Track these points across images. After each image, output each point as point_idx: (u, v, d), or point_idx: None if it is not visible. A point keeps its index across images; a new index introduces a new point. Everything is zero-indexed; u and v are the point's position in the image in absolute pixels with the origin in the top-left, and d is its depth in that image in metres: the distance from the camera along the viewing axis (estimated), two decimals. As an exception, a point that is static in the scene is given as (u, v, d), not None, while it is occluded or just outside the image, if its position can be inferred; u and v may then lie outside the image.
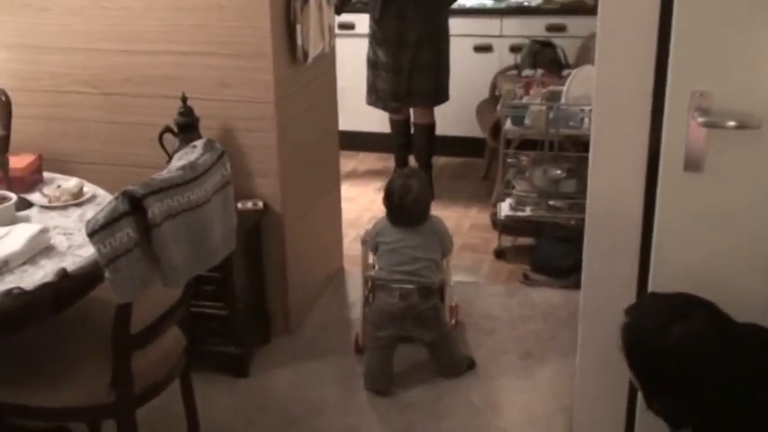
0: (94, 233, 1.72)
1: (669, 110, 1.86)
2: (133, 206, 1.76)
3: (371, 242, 2.87)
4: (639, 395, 2.05)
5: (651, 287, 1.99)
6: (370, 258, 2.96)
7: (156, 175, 1.85)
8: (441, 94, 4.29)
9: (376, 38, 4.22)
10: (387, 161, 4.84)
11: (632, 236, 2.01)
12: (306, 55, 2.88)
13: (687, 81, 1.83)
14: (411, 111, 4.43)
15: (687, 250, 1.93)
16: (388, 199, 2.81)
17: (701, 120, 1.82)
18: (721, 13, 1.76)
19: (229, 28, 2.70)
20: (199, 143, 2.02)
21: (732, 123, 1.80)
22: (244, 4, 2.66)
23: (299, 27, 2.81)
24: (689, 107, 1.83)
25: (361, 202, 4.38)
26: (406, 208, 2.77)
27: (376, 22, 4.20)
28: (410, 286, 2.72)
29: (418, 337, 2.76)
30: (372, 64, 4.29)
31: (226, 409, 2.65)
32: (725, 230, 1.90)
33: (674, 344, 1.52)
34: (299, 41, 2.83)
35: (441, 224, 2.89)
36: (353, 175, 4.77)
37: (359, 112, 4.47)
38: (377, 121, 4.69)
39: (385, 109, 4.40)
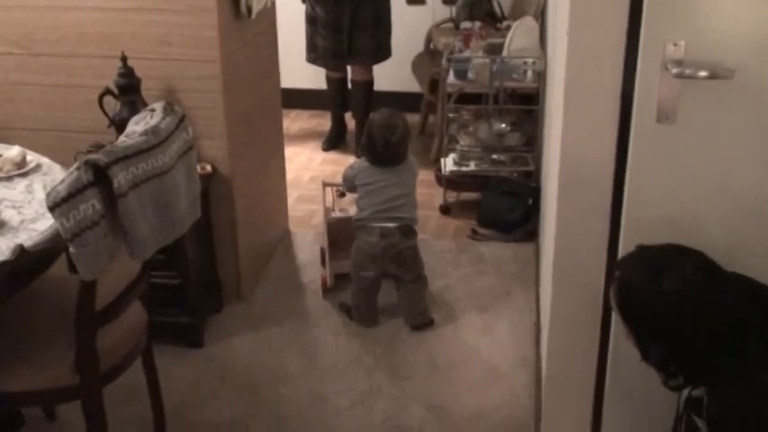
0: (56, 206, 1.62)
1: (642, 61, 1.85)
2: (97, 176, 1.65)
3: (349, 184, 2.92)
4: (611, 352, 2.10)
5: (623, 240, 2.01)
6: (328, 201, 3.10)
7: (119, 142, 1.75)
8: (382, 52, 4.19)
9: None
10: (320, 118, 4.75)
11: (604, 188, 2.01)
12: (250, 10, 2.77)
13: (660, 32, 1.82)
14: (348, 68, 4.33)
15: (659, 202, 1.95)
16: (372, 140, 2.80)
17: (674, 71, 1.82)
18: (695, -37, 1.76)
19: (170, -18, 2.56)
20: (157, 106, 1.92)
21: (704, 74, 1.81)
22: (185, -44, 2.52)
23: (242, -20, 2.69)
24: (662, 58, 1.83)
25: (299, 162, 4.29)
26: (392, 147, 2.79)
27: None
28: (391, 225, 2.77)
29: (399, 276, 2.82)
30: (311, 20, 4.16)
31: (185, 381, 2.58)
32: (697, 181, 1.92)
33: (666, 293, 1.54)
34: (243, -5, 2.71)
35: (414, 160, 2.95)
36: (287, 134, 4.64)
37: (291, 69, 4.33)
38: (309, 78, 4.59)
39: (325, 67, 4.30)
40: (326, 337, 2.81)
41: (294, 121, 4.87)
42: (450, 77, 3.65)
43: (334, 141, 4.44)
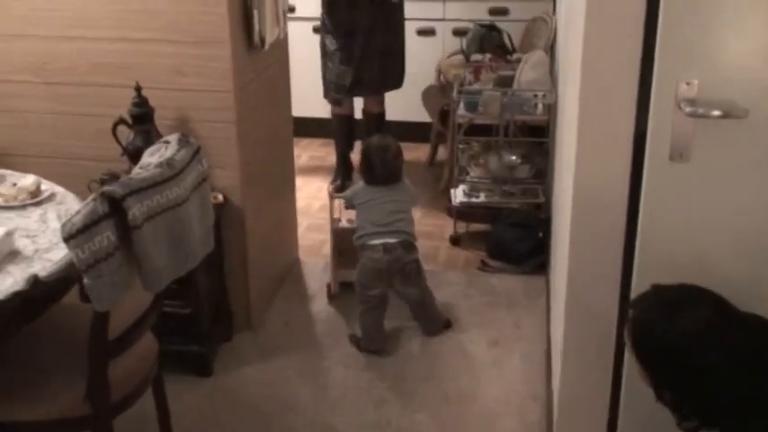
0: (71, 237, 1.62)
1: (655, 100, 1.86)
2: (113, 208, 1.66)
3: (348, 203, 3.06)
4: (624, 387, 2.09)
5: (636, 276, 2.01)
6: (336, 213, 3.25)
7: (134, 174, 1.76)
8: (390, 81, 4.10)
9: (326, 26, 4.02)
10: (330, 147, 4.74)
11: (617, 226, 2.01)
12: (263, 41, 2.79)
13: (673, 71, 1.83)
14: (361, 101, 4.22)
15: (672, 240, 1.95)
16: (368, 160, 2.96)
17: (687, 110, 1.83)
18: (708, 3, 1.77)
19: (184, 14, 2.59)
20: (172, 138, 1.93)
21: (717, 113, 1.81)
22: (200, -11, 2.55)
23: (256, 12, 2.72)
24: (675, 97, 1.84)
25: (309, 190, 4.31)
26: (387, 165, 2.94)
27: (327, 11, 3.99)
28: (392, 240, 2.85)
29: (404, 293, 2.91)
30: (323, 54, 4.10)
31: (194, 411, 2.57)
32: (710, 220, 1.92)
33: (680, 335, 1.53)
34: (257, 27, 2.74)
35: (410, 184, 3.06)
36: (298, 162, 4.66)
37: (302, 98, 4.35)
38: (319, 107, 4.60)
39: (329, 100, 4.19)
40: (336, 368, 2.80)
41: (305, 149, 4.90)
42: (461, 109, 3.67)
43: (342, 184, 4.15)
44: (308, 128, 4.82)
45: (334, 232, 3.21)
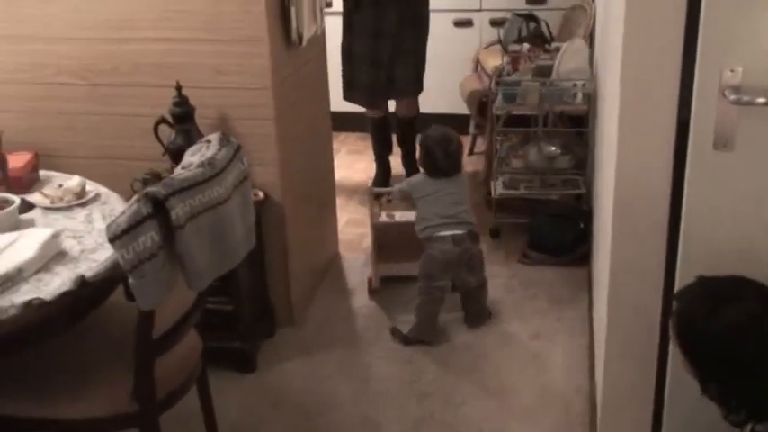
0: (116, 238, 1.65)
1: (698, 87, 1.83)
2: (156, 208, 1.68)
3: (403, 196, 3.10)
4: (668, 380, 2.06)
5: (680, 269, 1.98)
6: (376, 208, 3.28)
7: (176, 174, 1.78)
8: (421, 83, 4.00)
9: (352, 27, 3.87)
10: (368, 141, 4.73)
11: (660, 216, 1.98)
12: (301, 38, 2.81)
13: (717, 58, 1.79)
14: (392, 104, 4.12)
15: (716, 230, 1.91)
16: (430, 153, 2.97)
17: (731, 97, 1.79)
18: (752, -12, 1.73)
19: (223, 13, 2.61)
20: (213, 137, 1.95)
21: (762, 100, 1.78)
22: (238, -12, 2.57)
23: (293, 9, 2.73)
24: (719, 84, 1.81)
25: (348, 185, 4.32)
26: (451, 156, 2.97)
27: (351, 10, 3.86)
28: (461, 231, 2.88)
29: (466, 282, 2.96)
30: (348, 56, 3.92)
31: (238, 406, 2.60)
32: (755, 210, 1.88)
33: (726, 326, 1.51)
34: (294, 24, 2.75)
35: (464, 174, 3.11)
36: (337, 156, 4.68)
37: (339, 93, 4.36)
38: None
39: (364, 104, 4.06)
40: (378, 363, 2.81)
41: (343, 143, 4.91)
42: (499, 101, 3.64)
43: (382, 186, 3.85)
44: (345, 122, 4.81)
45: (374, 227, 3.24)
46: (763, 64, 1.78)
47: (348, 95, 4.02)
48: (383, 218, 3.30)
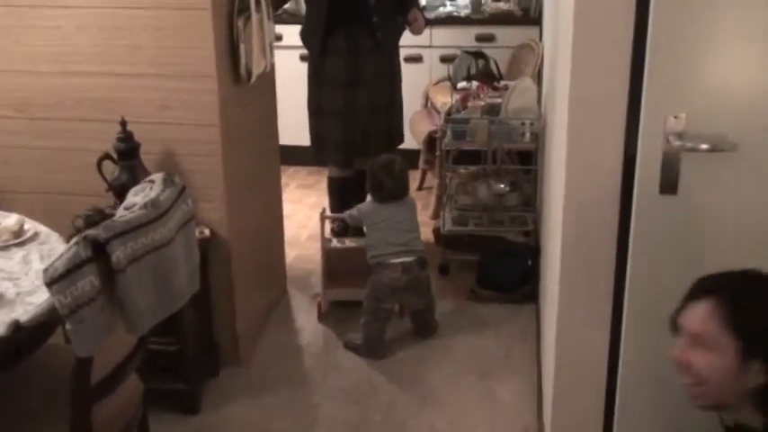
0: (54, 282, 1.59)
1: (643, 133, 1.86)
2: (96, 251, 1.62)
3: (355, 223, 3.18)
4: (617, 418, 2.06)
5: (626, 310, 1.99)
6: (326, 232, 3.37)
7: (118, 216, 1.73)
8: (396, 136, 3.74)
9: (320, 78, 3.54)
10: (318, 175, 4.75)
11: (607, 256, 2.00)
12: (250, 74, 2.78)
13: (661, 105, 1.83)
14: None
15: (662, 271, 1.94)
16: (378, 179, 3.06)
17: (675, 143, 1.82)
18: (695, 37, 1.77)
19: (170, 48, 2.58)
20: (157, 177, 1.90)
21: (706, 146, 1.81)
22: (184, 23, 2.54)
23: (242, 46, 2.70)
24: (663, 130, 1.84)
25: (297, 220, 4.28)
26: (395, 177, 3.05)
27: (318, 59, 3.53)
28: (410, 259, 2.98)
29: (414, 304, 3.09)
30: (317, 111, 3.59)
31: (180, 451, 2.52)
32: (699, 252, 1.91)
33: None
34: (243, 60, 2.72)
35: (412, 198, 3.20)
36: (286, 190, 4.64)
37: (288, 126, 4.32)
38: (306, 134, 4.58)
39: (335, 163, 3.71)
40: (325, 403, 2.76)
41: (292, 177, 4.88)
42: (448, 137, 3.65)
43: (343, 231, 3.71)
44: (294, 156, 4.79)
45: (325, 252, 3.28)
46: (707, 110, 1.81)
47: (319, 156, 3.68)
48: (334, 243, 3.36)
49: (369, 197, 3.16)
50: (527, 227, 3.64)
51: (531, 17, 4.76)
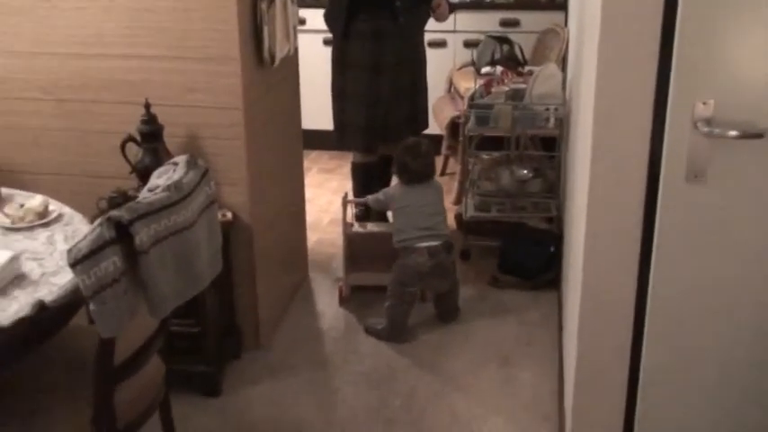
0: (77, 263, 1.59)
1: (671, 120, 1.83)
2: (119, 232, 1.63)
3: (382, 207, 3.22)
4: (639, 406, 2.05)
5: (651, 299, 1.97)
6: (348, 217, 3.34)
7: (142, 198, 1.73)
8: (420, 122, 3.71)
9: (344, 63, 3.55)
10: (340, 159, 4.74)
11: (632, 245, 1.97)
12: (273, 57, 2.77)
13: (689, 91, 1.80)
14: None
15: (688, 261, 1.91)
16: (404, 161, 3.07)
17: (703, 130, 1.79)
18: (724, 22, 1.74)
19: (194, 31, 2.57)
20: (180, 160, 1.90)
21: (734, 133, 1.78)
22: (209, 5, 2.53)
23: (266, 29, 2.69)
24: (691, 117, 1.81)
25: (319, 204, 4.28)
26: (421, 158, 3.06)
27: (341, 42, 3.53)
28: (436, 243, 2.98)
29: (439, 288, 3.09)
30: (339, 94, 3.60)
31: (202, 432, 2.54)
32: (726, 241, 1.88)
33: None
34: (267, 44, 2.71)
35: (438, 181, 3.20)
36: (308, 174, 4.65)
37: (312, 110, 4.32)
38: (328, 118, 4.57)
39: (357, 149, 3.71)
40: (346, 387, 2.77)
41: (314, 162, 4.88)
42: (472, 123, 3.63)
43: (365, 216, 3.70)
44: (317, 140, 4.79)
45: (347, 237, 3.28)
46: (735, 97, 1.78)
47: (341, 140, 3.68)
48: (356, 227, 3.35)
49: (395, 181, 3.15)
50: (550, 213, 3.61)
51: (556, 2, 4.71)
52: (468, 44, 4.68)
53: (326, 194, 4.41)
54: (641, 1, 1.79)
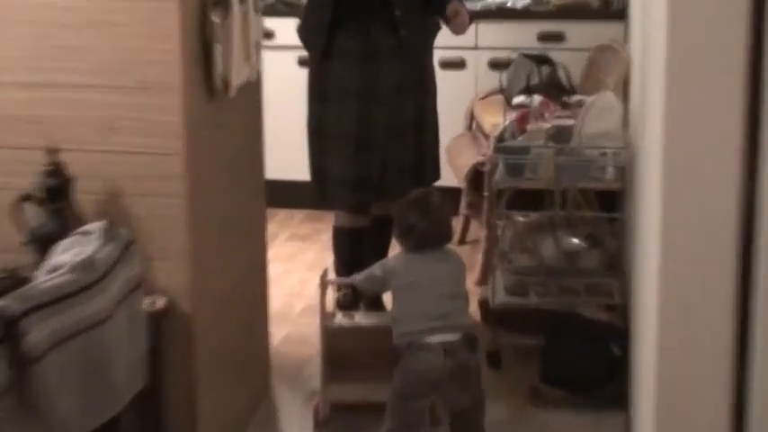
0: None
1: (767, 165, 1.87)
2: (7, 330, 1.63)
3: (378, 286, 3.17)
4: None
5: (754, 414, 1.97)
6: (329, 304, 3.37)
7: (38, 281, 1.74)
8: (428, 171, 3.76)
9: (323, 91, 3.62)
10: (318, 222, 4.78)
11: (722, 343, 2.01)
12: (227, 85, 2.81)
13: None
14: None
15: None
16: (407, 221, 3.01)
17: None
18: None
19: (121, 50, 2.61)
20: (94, 228, 1.93)
21: None
22: (142, 16, 2.57)
23: (218, 47, 2.73)
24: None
25: (289, 284, 4.32)
26: (432, 217, 3.00)
27: (322, 62, 3.60)
28: (454, 338, 2.89)
29: (457, 402, 2.96)
30: (319, 133, 3.65)
31: None
32: None
33: None
34: (219, 67, 2.75)
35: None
36: (274, 243, 4.65)
37: (279, 156, 4.34)
38: (302, 166, 4.59)
39: (343, 207, 3.75)
40: None
41: (283, 225, 4.92)
42: (501, 172, 3.66)
43: (351, 303, 3.77)
44: (287, 195, 4.84)
45: (326, 332, 3.24)
46: None
47: (320, 196, 3.76)
48: (339, 319, 3.33)
49: (395, 250, 3.14)
50: (612, 299, 3.62)
51: (612, 10, 4.82)
52: (494, 65, 4.75)
53: (299, 271, 4.44)
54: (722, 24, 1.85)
